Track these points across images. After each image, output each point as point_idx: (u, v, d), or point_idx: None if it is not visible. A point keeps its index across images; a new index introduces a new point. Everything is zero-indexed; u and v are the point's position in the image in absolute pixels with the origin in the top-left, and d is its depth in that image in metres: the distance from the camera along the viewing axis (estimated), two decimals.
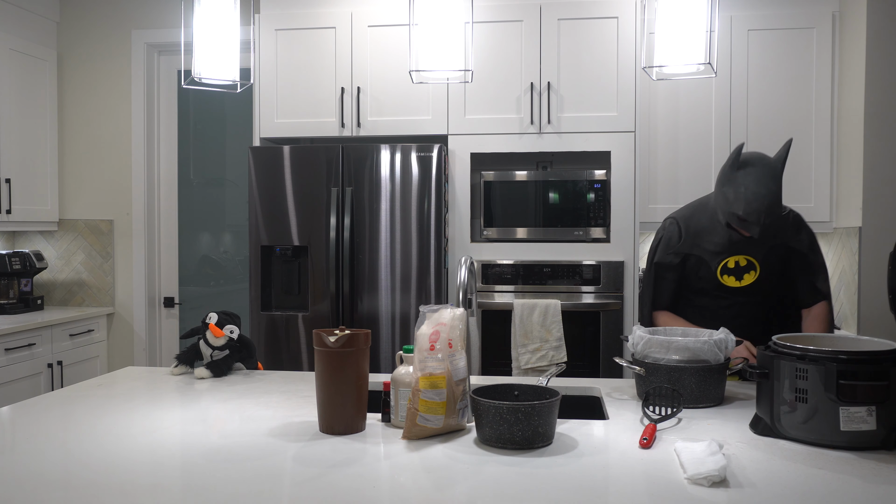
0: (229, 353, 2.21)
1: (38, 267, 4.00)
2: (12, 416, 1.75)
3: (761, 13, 3.49)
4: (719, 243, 2.25)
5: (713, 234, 2.26)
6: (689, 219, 2.32)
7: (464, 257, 1.88)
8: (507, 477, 1.34)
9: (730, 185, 2.14)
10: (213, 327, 2.19)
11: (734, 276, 2.26)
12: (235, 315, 2.26)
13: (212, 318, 2.21)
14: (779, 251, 2.26)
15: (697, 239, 2.28)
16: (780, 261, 2.28)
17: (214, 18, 2.11)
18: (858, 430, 1.46)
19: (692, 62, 1.92)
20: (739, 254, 2.25)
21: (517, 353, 3.32)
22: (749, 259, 2.25)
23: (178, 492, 1.27)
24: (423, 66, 2.07)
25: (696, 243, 2.28)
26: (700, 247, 2.28)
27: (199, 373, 2.17)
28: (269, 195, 3.43)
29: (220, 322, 2.20)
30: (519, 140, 3.44)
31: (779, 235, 2.25)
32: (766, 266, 2.26)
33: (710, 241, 2.27)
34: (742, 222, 2.12)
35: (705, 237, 2.27)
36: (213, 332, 2.19)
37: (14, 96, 3.90)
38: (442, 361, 1.58)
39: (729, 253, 2.25)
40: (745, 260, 2.25)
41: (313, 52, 3.58)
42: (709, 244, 2.27)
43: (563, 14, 3.41)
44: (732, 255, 2.25)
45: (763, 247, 2.24)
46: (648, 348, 1.91)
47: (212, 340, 2.20)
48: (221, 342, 2.20)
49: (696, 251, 2.28)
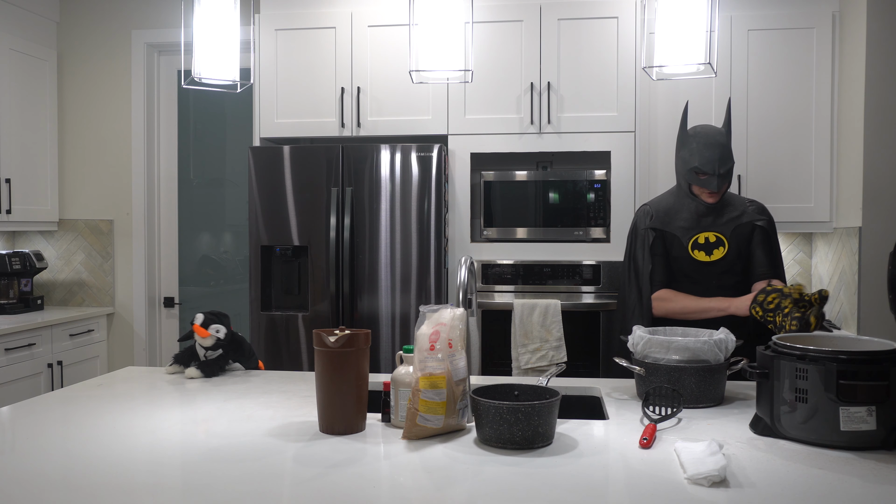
0: (223, 353, 2.20)
1: (38, 267, 4.00)
2: (12, 416, 1.75)
3: (761, 13, 3.49)
4: (687, 218, 2.48)
5: (681, 211, 2.50)
6: (658, 202, 2.57)
7: (464, 257, 1.88)
8: (507, 477, 1.34)
9: (684, 147, 2.47)
10: (198, 328, 2.16)
11: (704, 251, 2.46)
12: (223, 314, 2.22)
13: (197, 318, 2.18)
14: (744, 231, 2.47)
15: (667, 217, 2.50)
16: (745, 240, 2.48)
17: (214, 18, 2.11)
18: (858, 430, 1.46)
19: (692, 62, 1.92)
20: (709, 230, 2.46)
21: (517, 353, 3.32)
22: (718, 235, 2.46)
23: (178, 492, 1.27)
24: (423, 66, 2.07)
25: (667, 221, 2.50)
26: (671, 224, 2.49)
27: (189, 372, 2.15)
28: (269, 195, 3.43)
29: (206, 322, 2.17)
30: (519, 140, 3.44)
31: (744, 216, 2.48)
32: (734, 244, 2.46)
33: (679, 217, 2.49)
34: (701, 179, 2.41)
35: (674, 214, 2.50)
36: (198, 332, 2.16)
37: (14, 96, 3.90)
38: (442, 361, 1.58)
39: (698, 229, 2.47)
40: (714, 236, 2.46)
41: (313, 52, 3.58)
42: (679, 220, 2.49)
43: (563, 14, 3.41)
44: (703, 231, 2.47)
45: (728, 225, 2.47)
46: (648, 348, 1.91)
47: (200, 341, 2.18)
48: (210, 342, 2.18)
49: (668, 228, 2.49)
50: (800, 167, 3.46)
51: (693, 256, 2.47)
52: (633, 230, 2.58)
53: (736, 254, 2.47)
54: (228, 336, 2.21)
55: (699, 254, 2.46)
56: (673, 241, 2.49)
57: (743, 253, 2.48)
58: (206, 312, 2.21)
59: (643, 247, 2.51)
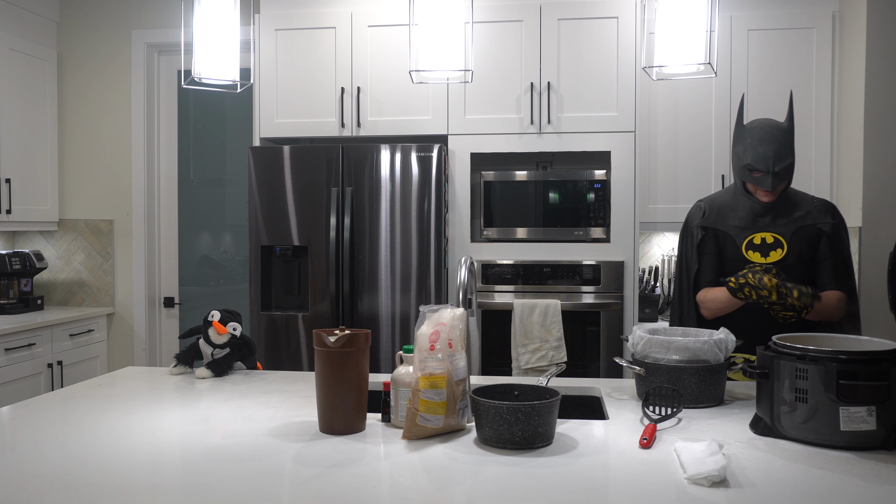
0: (230, 352, 2.21)
1: (38, 267, 4.00)
2: (12, 416, 1.75)
3: (761, 13, 3.49)
4: (743, 217, 2.29)
5: (736, 209, 2.31)
6: (713, 199, 2.40)
7: (464, 257, 1.88)
8: (507, 477, 1.34)
9: (739, 142, 2.27)
10: (217, 324, 2.18)
11: (759, 251, 2.26)
12: (237, 313, 2.26)
13: (214, 315, 2.21)
14: (808, 233, 2.25)
15: (721, 215, 2.33)
16: (809, 245, 2.26)
17: (214, 18, 2.11)
18: (858, 430, 1.46)
19: (692, 62, 1.92)
20: (766, 230, 2.27)
21: (517, 353, 3.32)
22: (776, 236, 2.26)
23: (178, 492, 1.27)
24: (423, 66, 2.07)
25: (721, 219, 2.33)
26: (725, 222, 2.32)
27: (199, 373, 2.16)
28: (269, 195, 3.43)
29: (223, 320, 2.20)
30: (519, 140, 3.44)
31: (808, 217, 2.26)
32: (795, 247, 2.25)
33: (734, 216, 2.31)
34: (755, 176, 2.22)
35: (729, 213, 2.32)
36: (217, 329, 2.18)
37: (14, 96, 3.90)
38: (442, 361, 1.58)
39: (756, 229, 2.28)
40: (771, 237, 2.26)
41: (313, 52, 3.58)
42: (734, 219, 2.31)
43: (563, 14, 3.41)
44: (758, 232, 2.27)
45: (789, 226, 2.26)
46: (648, 348, 1.91)
47: (214, 338, 2.19)
48: (224, 339, 2.19)
49: (721, 226, 2.32)
50: (800, 167, 3.46)
51: (747, 257, 2.27)
52: (685, 228, 2.42)
53: (797, 257, 2.24)
54: (241, 335, 2.24)
55: (754, 255, 2.27)
56: (726, 241, 2.31)
57: (805, 258, 2.25)
58: (221, 310, 2.23)
59: (691, 246, 2.36)
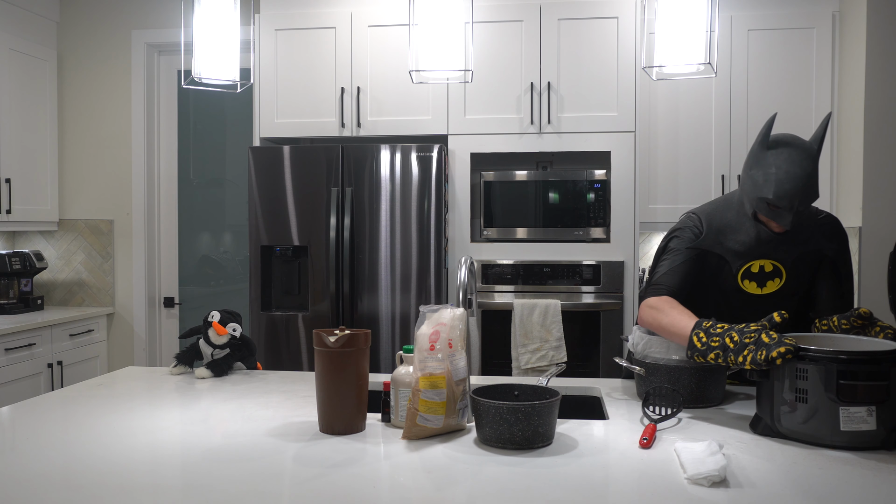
0: (230, 353, 2.21)
1: (38, 267, 4.00)
2: (12, 416, 1.74)
3: (761, 13, 3.49)
4: (745, 242, 1.95)
5: (739, 232, 1.96)
6: (712, 214, 2.02)
7: (464, 257, 1.88)
8: (507, 477, 1.34)
9: (759, 167, 1.86)
10: (217, 325, 2.19)
11: (756, 282, 1.98)
12: (237, 313, 2.26)
13: (214, 316, 2.21)
14: (809, 259, 1.97)
15: (721, 236, 1.98)
16: (809, 269, 1.99)
17: (214, 18, 2.11)
18: (858, 430, 1.46)
19: (692, 62, 1.92)
20: (766, 258, 1.96)
21: (517, 353, 3.32)
22: (775, 264, 1.96)
23: (178, 492, 1.27)
24: (423, 66, 2.07)
25: (719, 241, 1.98)
26: (723, 245, 1.98)
27: (199, 373, 2.16)
28: (269, 195, 3.43)
29: (223, 320, 2.20)
30: (519, 140, 3.44)
31: (811, 241, 1.97)
32: (794, 275, 1.98)
33: (734, 239, 1.97)
34: (773, 210, 1.86)
35: (730, 235, 1.97)
36: (217, 329, 2.18)
37: (14, 96, 3.90)
38: (442, 361, 1.58)
39: (755, 256, 1.96)
40: (770, 265, 1.97)
41: (313, 52, 3.58)
42: (733, 243, 1.97)
43: (563, 14, 3.41)
44: (758, 259, 1.96)
45: (791, 251, 1.95)
46: (648, 348, 1.90)
47: (214, 339, 2.20)
48: (224, 340, 2.20)
49: (718, 249, 1.98)
50: None
51: (741, 287, 1.99)
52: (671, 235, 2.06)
53: (793, 286, 1.99)
54: (241, 335, 2.24)
55: (749, 285, 1.99)
56: (721, 265, 1.99)
57: (803, 281, 1.99)
58: (221, 311, 2.23)
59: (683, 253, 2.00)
